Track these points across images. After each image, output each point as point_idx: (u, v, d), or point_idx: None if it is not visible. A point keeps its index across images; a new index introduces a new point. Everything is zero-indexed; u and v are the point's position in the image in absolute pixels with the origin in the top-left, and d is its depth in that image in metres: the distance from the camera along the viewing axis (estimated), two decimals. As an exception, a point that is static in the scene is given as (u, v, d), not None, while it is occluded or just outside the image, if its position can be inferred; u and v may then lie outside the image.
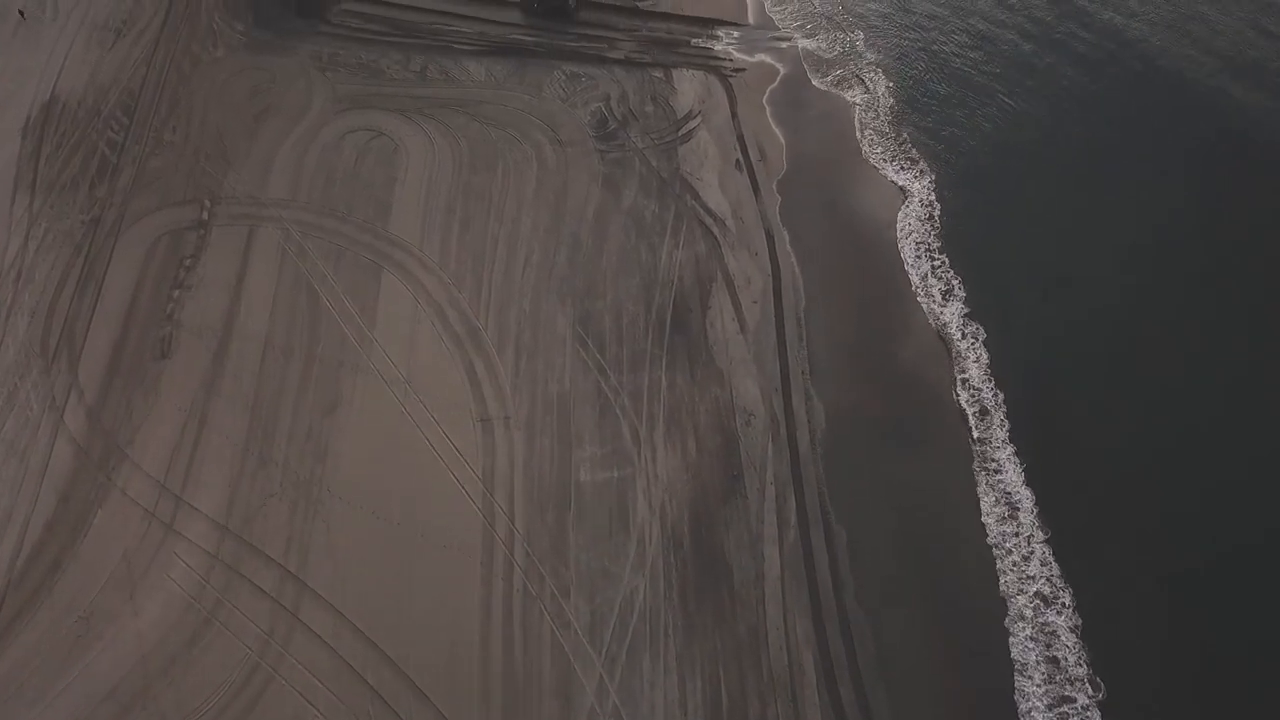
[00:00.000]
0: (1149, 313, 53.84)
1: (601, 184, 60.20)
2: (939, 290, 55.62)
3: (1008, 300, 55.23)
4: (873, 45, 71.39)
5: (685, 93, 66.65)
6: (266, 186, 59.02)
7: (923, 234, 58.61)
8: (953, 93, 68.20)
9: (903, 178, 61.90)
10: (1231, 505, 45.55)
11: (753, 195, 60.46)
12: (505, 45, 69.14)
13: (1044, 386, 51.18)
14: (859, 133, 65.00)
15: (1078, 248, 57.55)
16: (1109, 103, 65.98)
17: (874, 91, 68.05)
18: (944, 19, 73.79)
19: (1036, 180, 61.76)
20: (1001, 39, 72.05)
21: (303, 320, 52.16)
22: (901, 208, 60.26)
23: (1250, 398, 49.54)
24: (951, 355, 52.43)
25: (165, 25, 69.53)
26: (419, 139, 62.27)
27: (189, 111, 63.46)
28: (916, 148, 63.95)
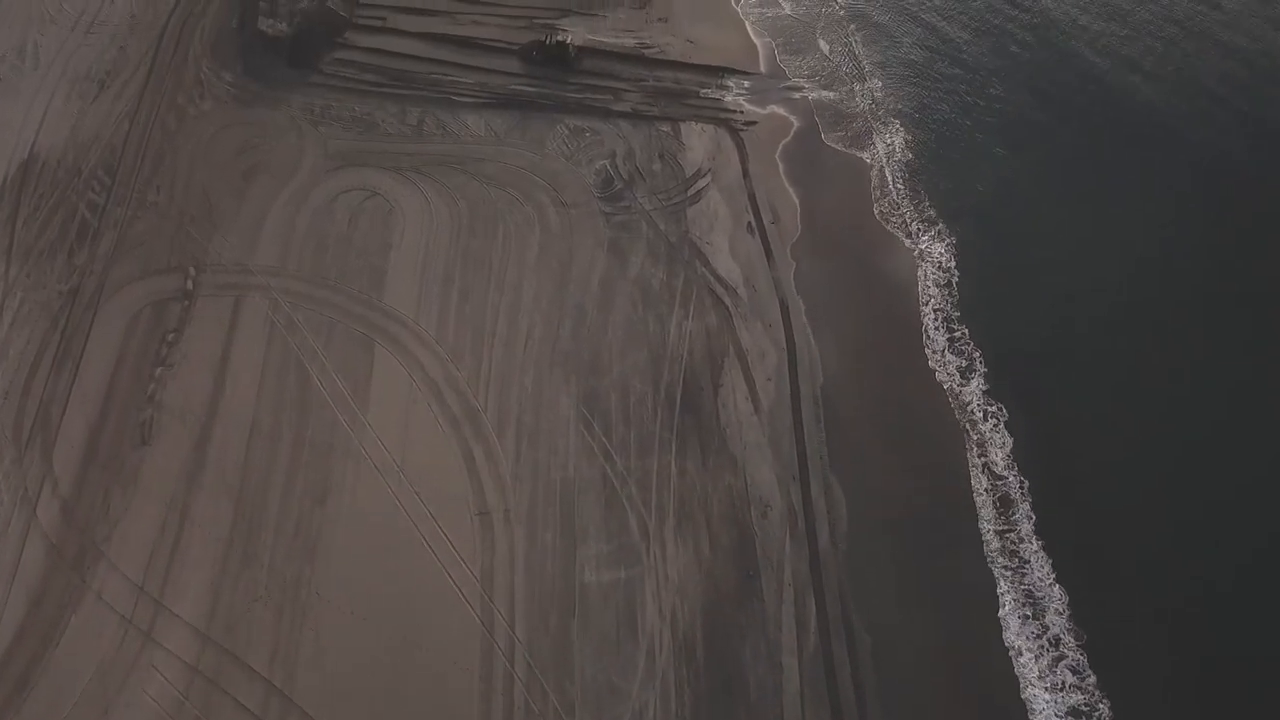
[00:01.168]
0: (1184, 393, 52.25)
1: (607, 249, 58.68)
2: (959, 366, 54.11)
3: (1031, 377, 53.70)
4: (891, 94, 70.06)
5: (694, 148, 65.22)
6: (254, 253, 57.49)
7: (942, 302, 57.11)
8: (974, 147, 66.86)
9: (921, 241, 60.45)
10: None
11: (765, 261, 58.93)
12: (506, 97, 67.74)
13: (1071, 473, 49.62)
14: (876, 192, 63.60)
15: (1106, 319, 56.08)
16: (1141, 164, 64.55)
17: (892, 145, 66.69)
18: (967, 66, 72.37)
19: (1063, 244, 60.33)
20: (1025, 91, 70.65)
21: (291, 401, 50.50)
22: (920, 273, 58.83)
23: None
24: (974, 440, 50.80)
25: (150, 76, 68.22)
26: (415, 200, 60.81)
27: (174, 170, 62.02)
28: (935, 207, 62.50)
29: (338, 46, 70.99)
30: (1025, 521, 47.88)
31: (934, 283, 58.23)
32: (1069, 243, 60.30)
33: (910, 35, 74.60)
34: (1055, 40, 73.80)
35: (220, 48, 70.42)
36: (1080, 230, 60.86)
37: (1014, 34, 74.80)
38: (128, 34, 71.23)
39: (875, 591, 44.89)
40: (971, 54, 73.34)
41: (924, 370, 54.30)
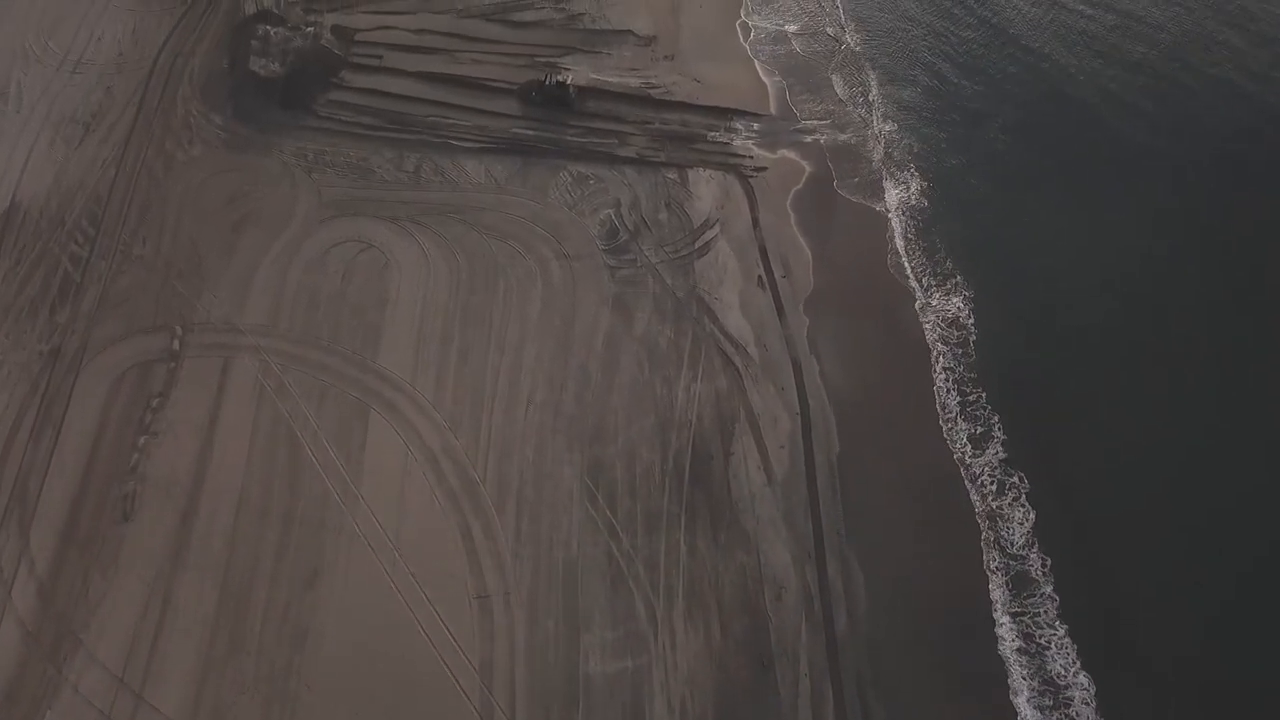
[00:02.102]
0: (1223, 462, 50.79)
1: (612, 306, 57.31)
2: (975, 434, 52.80)
3: (1052, 443, 52.30)
4: (905, 137, 68.74)
5: (702, 197, 63.89)
6: (244, 310, 56.13)
7: (958, 363, 55.81)
8: (991, 193, 65.56)
9: (936, 296, 59.13)
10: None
11: (777, 318, 57.54)
12: (506, 141, 66.47)
13: (1097, 551, 48.17)
14: (890, 242, 62.31)
15: (1134, 381, 54.68)
16: (1169, 214, 63.18)
17: (906, 192, 65.35)
18: (983, 109, 71.06)
19: (1086, 298, 58.96)
20: (1042, 133, 69.32)
21: (281, 473, 49.06)
22: (936, 332, 57.31)
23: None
24: (993, 516, 49.28)
25: (138, 118, 66.95)
26: (412, 252, 59.46)
27: (161, 220, 60.72)
28: (951, 259, 61.20)
29: (333, 87, 69.72)
30: (1048, 604, 46.39)
31: (950, 341, 56.88)
32: (1093, 297, 58.99)
33: (924, 75, 73.36)
34: (1072, 85, 72.37)
35: (210, 88, 69.17)
36: (1105, 284, 59.51)
37: (1029, 76, 73.45)
38: (115, 74, 69.97)
39: (896, 681, 43.39)
40: (987, 96, 72.06)
41: (941, 438, 52.70)
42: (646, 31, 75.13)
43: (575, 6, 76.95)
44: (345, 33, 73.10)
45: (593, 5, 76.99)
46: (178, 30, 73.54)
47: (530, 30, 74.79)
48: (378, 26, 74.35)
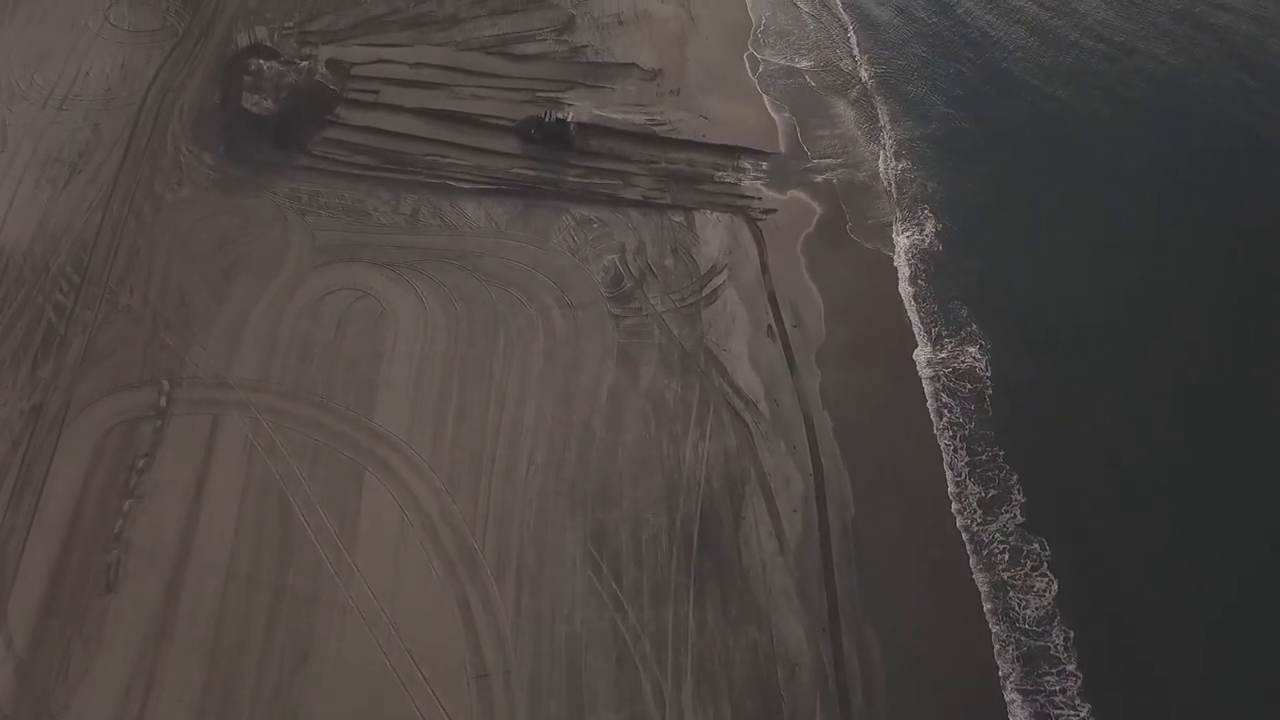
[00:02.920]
0: (1265, 521, 49.37)
1: (616, 357, 56.11)
2: (991, 498, 51.31)
3: (1074, 505, 51.00)
4: (919, 175, 67.63)
5: (709, 241, 62.72)
6: (234, 363, 54.93)
7: (973, 418, 54.56)
8: (1008, 235, 64.39)
9: (951, 346, 57.89)
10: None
11: (788, 371, 56.29)
12: (507, 182, 65.37)
13: (1122, 625, 46.74)
14: (904, 289, 61.09)
15: (1165, 438, 53.30)
16: (1191, 250, 62.05)
17: (921, 234, 64.17)
18: (999, 144, 69.95)
19: (1107, 346, 57.71)
20: (1061, 172, 68.17)
21: (272, 540, 47.80)
22: (950, 384, 56.01)
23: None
24: (1012, 586, 47.89)
25: (126, 158, 65.92)
26: (409, 301, 58.29)
27: (149, 267, 59.57)
28: (967, 306, 60.00)
29: (327, 124, 68.67)
30: (1070, 682, 45.07)
31: (961, 395, 55.63)
32: (1114, 346, 57.71)
33: (938, 111, 72.21)
34: (1088, 124, 71.17)
35: (201, 126, 68.12)
36: (1127, 332, 58.29)
37: (1045, 113, 72.30)
38: (102, 110, 68.94)
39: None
40: (1002, 133, 70.98)
41: (956, 501, 51.47)
42: (651, 65, 74.10)
43: (578, 38, 75.96)
44: (340, 66, 72.08)
45: (596, 37, 75.98)
46: (168, 64, 72.60)
47: (532, 64, 73.77)
48: (374, 60, 73.34)
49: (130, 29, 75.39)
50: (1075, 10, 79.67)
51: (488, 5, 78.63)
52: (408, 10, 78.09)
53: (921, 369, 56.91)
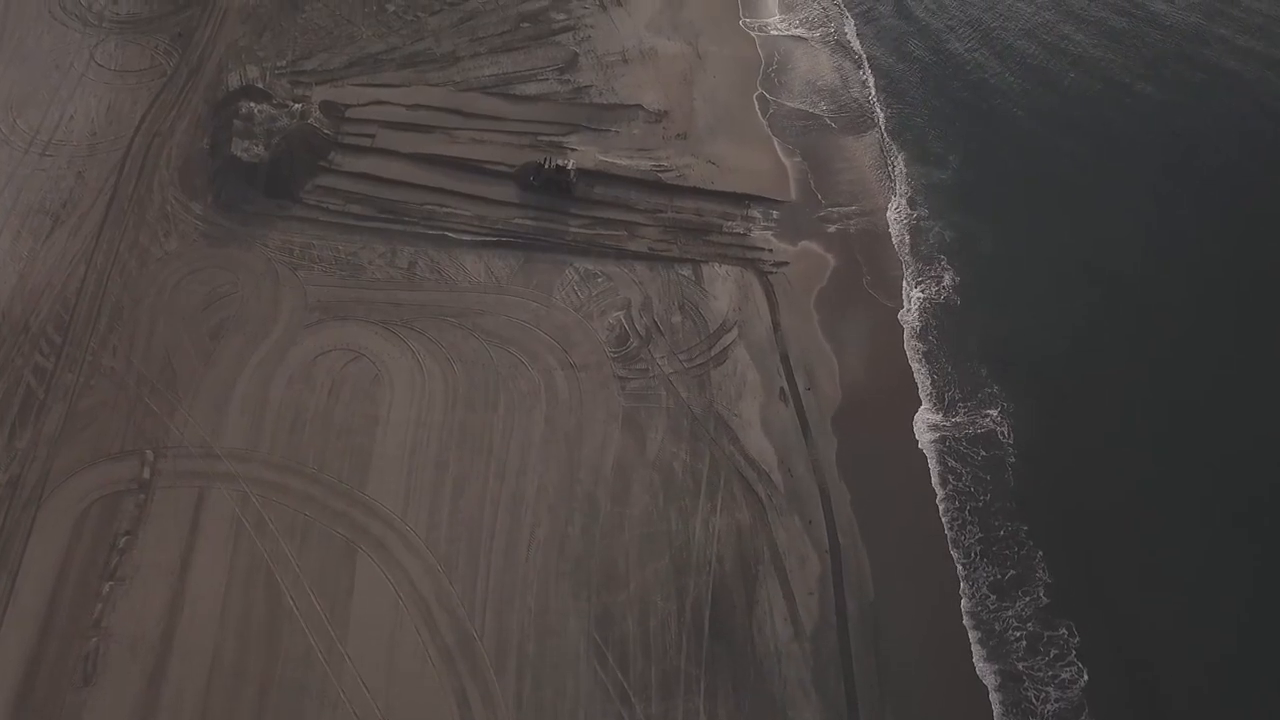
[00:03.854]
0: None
1: (622, 424, 54.54)
2: (1011, 577, 49.81)
3: (1102, 584, 49.45)
4: (936, 223, 66.22)
5: (718, 296, 61.20)
6: (222, 431, 53.34)
7: (989, 488, 52.77)
8: (1028, 286, 62.96)
9: (971, 410, 56.31)
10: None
11: (802, 437, 54.72)
12: (508, 234, 63.89)
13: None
14: (921, 347, 59.45)
15: (1202, 510, 51.54)
16: (1219, 305, 60.56)
17: (939, 285, 62.73)
18: (1018, 190, 68.46)
19: (1141, 411, 56.17)
20: (1082, 218, 66.76)
21: (259, 627, 46.17)
22: (965, 449, 54.43)
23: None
24: (1038, 676, 46.15)
25: (111, 208, 64.49)
26: (405, 362, 56.75)
27: (133, 326, 58.06)
28: (985, 365, 58.70)
29: (321, 171, 67.24)
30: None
31: (980, 463, 53.89)
32: (1147, 408, 56.09)
33: (955, 153, 70.69)
34: (1110, 170, 69.50)
35: (189, 173, 66.71)
36: (1164, 393, 56.54)
37: (1066, 159, 70.73)
38: (87, 157, 67.50)
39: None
40: (1022, 178, 69.44)
41: (980, 580, 49.78)
42: (657, 106, 72.65)
43: (581, 78, 74.54)
44: (334, 109, 70.64)
45: (600, 76, 74.59)
46: (156, 106, 71.18)
47: (533, 105, 72.36)
48: (370, 101, 71.92)
49: (117, 69, 74.01)
50: (1094, 54, 77.80)
51: (487, 43, 77.21)
52: (405, 48, 76.71)
53: (932, 435, 55.14)
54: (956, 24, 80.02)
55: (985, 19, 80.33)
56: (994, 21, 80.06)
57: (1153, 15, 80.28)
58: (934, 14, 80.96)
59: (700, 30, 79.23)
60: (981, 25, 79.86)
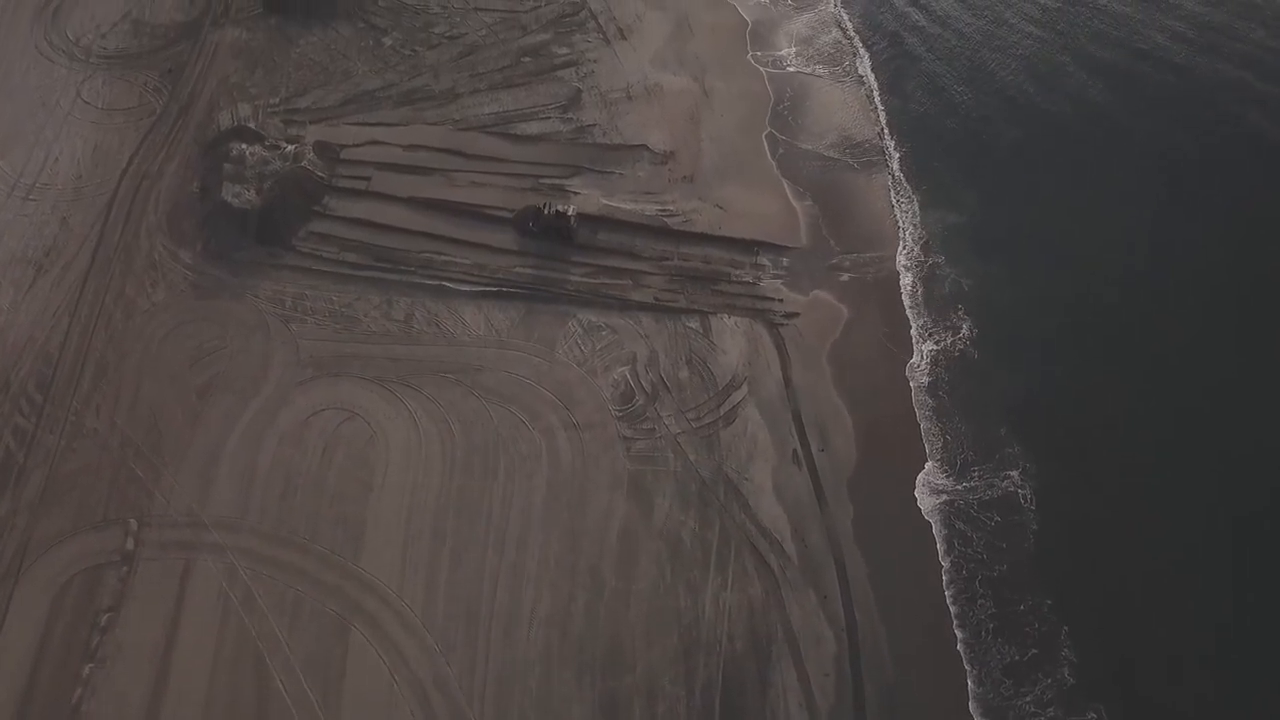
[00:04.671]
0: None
1: (627, 490, 53.00)
2: (1030, 657, 47.81)
3: (1135, 672, 47.58)
4: (954, 269, 64.79)
5: (728, 350, 59.66)
6: (209, 498, 51.84)
7: (1012, 559, 51.27)
8: (1047, 336, 61.49)
9: (982, 469, 54.89)
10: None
11: (816, 503, 53.17)
12: (508, 283, 62.46)
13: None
14: (939, 404, 57.81)
15: (1240, 580, 49.97)
16: (1251, 362, 58.91)
17: (957, 336, 61.33)
18: (1036, 234, 66.91)
19: (1173, 474, 54.48)
20: (1102, 259, 65.08)
21: (247, 712, 44.71)
22: (985, 515, 52.93)
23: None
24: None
25: (96, 256, 63.13)
26: (401, 423, 55.25)
27: (118, 384, 56.59)
28: (1005, 424, 57.18)
29: (314, 216, 65.88)
30: None
31: (1001, 533, 52.31)
32: (1181, 471, 54.35)
33: (971, 196, 69.18)
34: (1134, 213, 67.82)
35: (178, 219, 65.36)
36: (1199, 455, 54.80)
37: (1087, 199, 69.16)
38: (72, 201, 66.16)
39: None
40: (1041, 221, 67.85)
41: (996, 663, 48.13)
42: (663, 146, 71.29)
43: (584, 116, 73.22)
44: (329, 150, 69.28)
45: (603, 114, 73.25)
46: (144, 147, 69.90)
47: (534, 146, 71.00)
48: (366, 141, 70.60)
49: (105, 107, 72.75)
50: (1112, 95, 76.24)
51: (487, 78, 75.97)
52: (402, 84, 75.43)
53: (937, 499, 53.58)
54: (973, 61, 78.67)
55: (1002, 57, 78.97)
56: (1011, 60, 78.66)
57: (1167, 56, 78.32)
58: (950, 51, 79.58)
59: (707, 65, 77.91)
60: (998, 63, 78.50)
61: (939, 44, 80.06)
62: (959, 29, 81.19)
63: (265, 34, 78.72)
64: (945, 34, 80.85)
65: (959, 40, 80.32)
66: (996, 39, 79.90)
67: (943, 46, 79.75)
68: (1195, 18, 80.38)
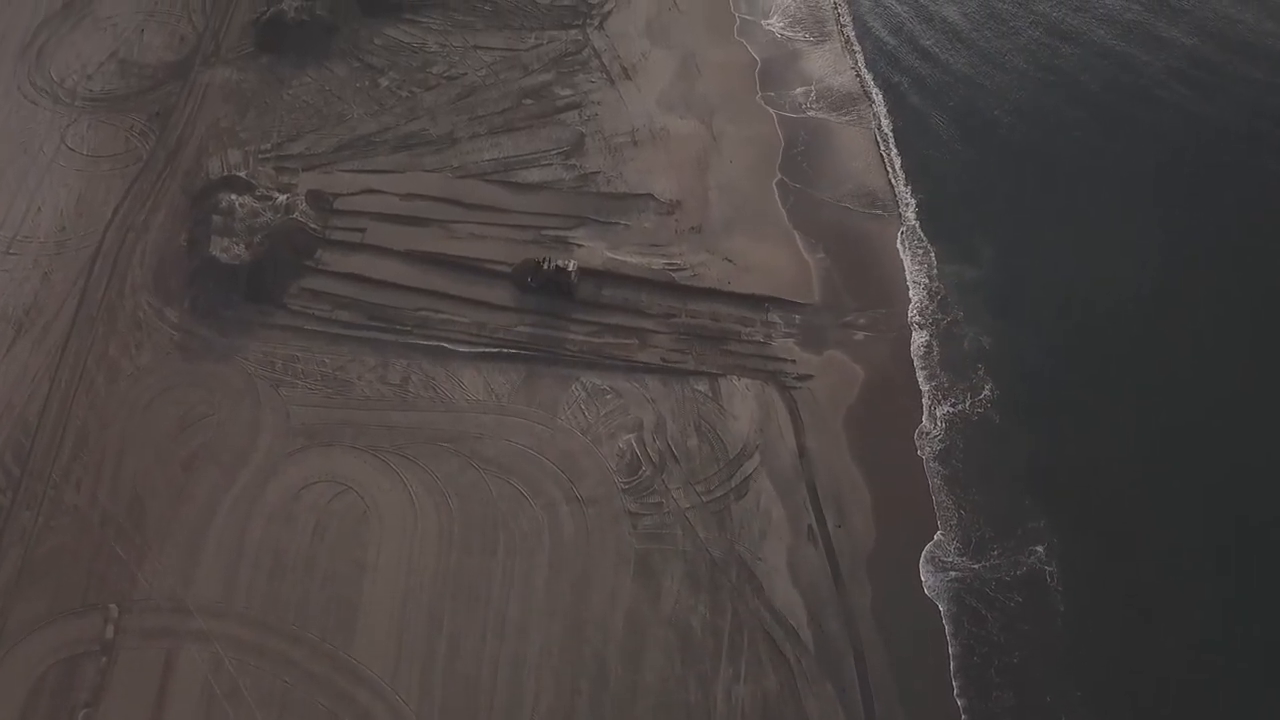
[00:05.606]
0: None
1: (634, 570, 51.38)
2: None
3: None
4: (973, 327, 62.96)
5: (738, 416, 57.98)
6: (194, 580, 50.21)
7: (1036, 646, 49.35)
8: (1078, 401, 59.72)
9: (1003, 546, 53.13)
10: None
11: (833, 585, 51.55)
12: (509, 343, 60.80)
13: None
14: (960, 473, 56.13)
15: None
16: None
17: (978, 398, 59.68)
18: (1059, 291, 65.22)
19: (1216, 551, 52.62)
20: (1127, 316, 63.42)
21: (231, 823, 42.51)
22: (1006, 596, 51.19)
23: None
24: None
25: (78, 314, 61.53)
26: (396, 497, 53.62)
27: (100, 455, 54.96)
28: (1029, 495, 55.60)
29: (307, 271, 64.29)
30: None
31: (1031, 618, 50.67)
32: (1215, 538, 52.63)
33: (990, 247, 67.23)
34: (1160, 266, 66.04)
35: (164, 274, 63.77)
36: (1242, 530, 53.06)
37: (1117, 245, 67.42)
38: (54, 255, 64.64)
39: None
40: (1062, 272, 66.09)
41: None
42: (669, 195, 69.68)
43: (588, 162, 71.62)
44: (322, 199, 67.72)
45: (608, 161, 71.67)
46: (130, 197, 68.42)
47: (536, 194, 69.42)
48: (361, 190, 69.07)
49: (90, 153, 71.27)
50: (1139, 137, 74.60)
51: (487, 122, 74.43)
52: (399, 128, 73.91)
53: (986, 579, 51.77)
54: (990, 108, 76.57)
55: (1020, 105, 76.76)
56: (1030, 109, 76.47)
57: (1192, 106, 76.45)
58: (967, 96, 77.44)
59: (715, 107, 76.32)
60: (1016, 112, 76.23)
61: (955, 89, 78.22)
62: (975, 73, 79.26)
63: (257, 74, 77.16)
64: (961, 77, 79.01)
65: (975, 85, 78.41)
66: (1015, 86, 78.05)
67: (959, 91, 77.93)
68: (1220, 67, 78.72)
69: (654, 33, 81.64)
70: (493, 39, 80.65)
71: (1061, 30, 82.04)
